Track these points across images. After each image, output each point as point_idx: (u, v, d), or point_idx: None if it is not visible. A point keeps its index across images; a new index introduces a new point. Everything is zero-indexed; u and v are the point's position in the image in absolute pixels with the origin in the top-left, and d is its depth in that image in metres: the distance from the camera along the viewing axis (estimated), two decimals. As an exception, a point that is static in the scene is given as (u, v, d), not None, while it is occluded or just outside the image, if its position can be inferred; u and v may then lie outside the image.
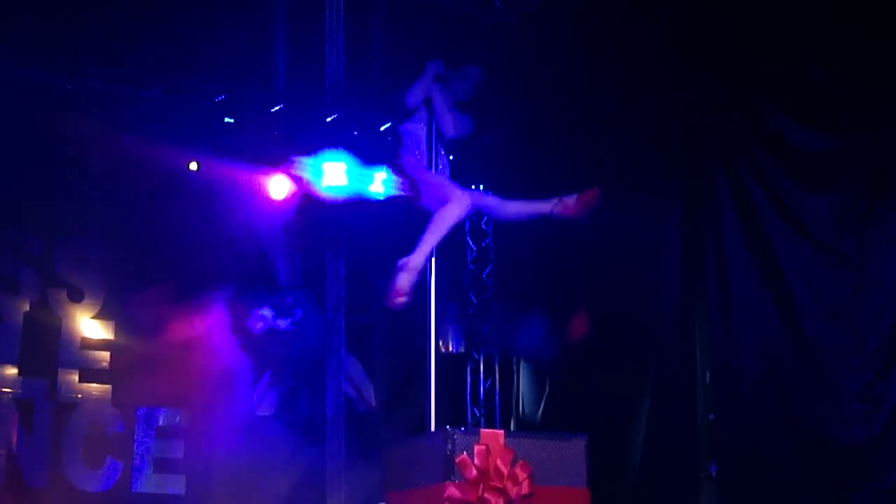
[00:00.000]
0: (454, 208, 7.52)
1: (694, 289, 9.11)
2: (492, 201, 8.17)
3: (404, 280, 7.27)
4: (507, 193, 10.22)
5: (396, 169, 7.81)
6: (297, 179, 9.10)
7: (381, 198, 7.81)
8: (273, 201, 9.60)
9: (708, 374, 8.98)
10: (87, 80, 9.00)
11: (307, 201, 8.85)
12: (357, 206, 8.08)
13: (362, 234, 9.03)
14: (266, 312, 9.78)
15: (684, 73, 8.79)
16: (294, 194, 9.49)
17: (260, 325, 9.73)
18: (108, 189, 9.26)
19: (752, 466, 8.26)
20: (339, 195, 9.39)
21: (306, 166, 9.12)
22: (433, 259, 7.66)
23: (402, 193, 7.69)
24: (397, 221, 8.46)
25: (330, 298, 8.10)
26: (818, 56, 8.01)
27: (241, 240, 9.60)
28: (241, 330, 9.69)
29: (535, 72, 9.18)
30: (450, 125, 7.89)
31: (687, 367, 9.08)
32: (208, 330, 9.52)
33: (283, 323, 9.77)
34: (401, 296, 7.27)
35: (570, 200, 7.67)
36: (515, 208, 7.99)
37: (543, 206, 7.77)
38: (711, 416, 8.88)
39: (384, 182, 7.97)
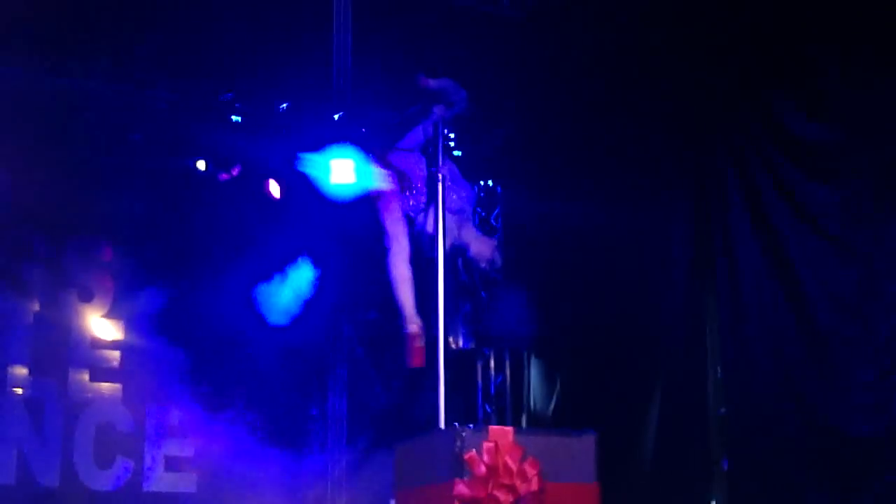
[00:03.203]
0: (399, 260, 7.27)
1: (704, 282, 9.08)
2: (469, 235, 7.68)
3: (418, 339, 7.13)
4: (516, 190, 10.27)
5: (382, 160, 7.61)
6: (303, 177, 9.08)
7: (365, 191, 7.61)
8: (275, 199, 9.58)
9: (719, 369, 8.95)
10: (94, 81, 9.00)
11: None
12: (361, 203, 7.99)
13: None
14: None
15: (693, 67, 8.75)
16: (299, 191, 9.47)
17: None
18: (115, 189, 9.28)
19: (764, 460, 8.23)
20: (348, 193, 9.37)
21: (314, 164, 9.10)
22: (441, 256, 7.59)
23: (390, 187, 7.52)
24: None
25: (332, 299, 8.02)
26: (827, 48, 7.96)
27: (248, 238, 9.59)
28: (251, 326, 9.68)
29: (543, 67, 9.16)
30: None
31: (697, 362, 9.05)
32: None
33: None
34: (420, 355, 7.11)
35: None
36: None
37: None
38: (722, 411, 8.86)
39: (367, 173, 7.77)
